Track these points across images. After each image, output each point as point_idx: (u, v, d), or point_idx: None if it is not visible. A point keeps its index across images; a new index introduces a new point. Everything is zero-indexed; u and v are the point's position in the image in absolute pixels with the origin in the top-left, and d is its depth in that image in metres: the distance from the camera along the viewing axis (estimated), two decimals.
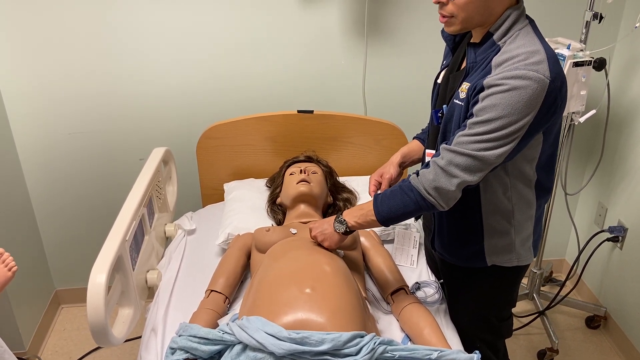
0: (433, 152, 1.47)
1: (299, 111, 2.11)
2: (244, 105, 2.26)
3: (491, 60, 1.26)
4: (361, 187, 2.07)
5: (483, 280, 1.54)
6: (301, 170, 1.86)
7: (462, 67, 1.41)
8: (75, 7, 2.04)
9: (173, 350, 1.32)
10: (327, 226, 1.52)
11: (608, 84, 2.16)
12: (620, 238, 2.33)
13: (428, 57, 2.25)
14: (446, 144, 1.30)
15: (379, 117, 2.22)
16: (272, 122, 2.11)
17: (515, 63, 1.21)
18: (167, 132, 2.29)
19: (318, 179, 1.86)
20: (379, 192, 1.68)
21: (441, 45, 2.11)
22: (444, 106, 1.39)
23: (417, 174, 1.33)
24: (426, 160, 1.50)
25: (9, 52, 2.08)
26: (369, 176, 2.15)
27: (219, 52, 2.17)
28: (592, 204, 2.57)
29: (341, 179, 2.06)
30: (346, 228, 1.47)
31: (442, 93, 1.47)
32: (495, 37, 1.28)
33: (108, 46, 2.11)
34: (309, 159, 1.98)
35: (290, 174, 1.88)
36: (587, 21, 2.04)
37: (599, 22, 2.02)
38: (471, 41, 1.36)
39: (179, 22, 2.11)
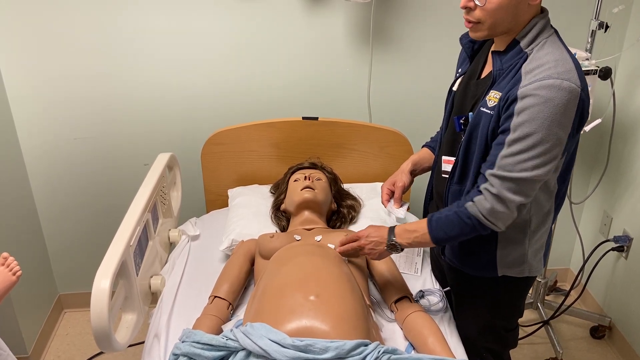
0: (451, 159, 1.45)
1: (303, 118, 2.11)
2: (249, 111, 2.27)
3: (519, 67, 1.26)
4: (365, 194, 2.06)
5: (492, 290, 1.53)
6: (305, 177, 1.86)
7: (483, 75, 1.41)
8: (81, 12, 2.05)
9: (176, 357, 1.32)
10: (379, 243, 1.47)
11: (613, 93, 2.15)
12: (625, 248, 2.32)
13: (434, 65, 2.25)
14: (489, 167, 1.28)
15: (383, 124, 2.22)
16: (276, 128, 2.11)
17: (545, 70, 1.21)
18: (171, 138, 2.30)
19: (322, 186, 1.86)
20: (392, 204, 1.67)
21: (447, 53, 2.12)
22: (470, 113, 1.37)
23: (472, 200, 1.31)
24: (443, 167, 1.49)
25: (15, 57, 2.09)
26: (373, 183, 2.16)
27: (225, 58, 2.18)
28: (597, 213, 2.56)
29: (345, 186, 2.06)
30: (400, 249, 1.46)
31: (459, 100, 1.46)
32: (522, 44, 1.28)
33: (114, 51, 2.12)
34: (313, 166, 1.98)
35: (295, 181, 1.88)
36: (592, 30, 2.04)
37: (605, 31, 2.02)
38: (495, 49, 1.35)
39: (185, 27, 2.11)
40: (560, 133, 1.22)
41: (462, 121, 1.40)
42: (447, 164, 1.48)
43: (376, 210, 1.96)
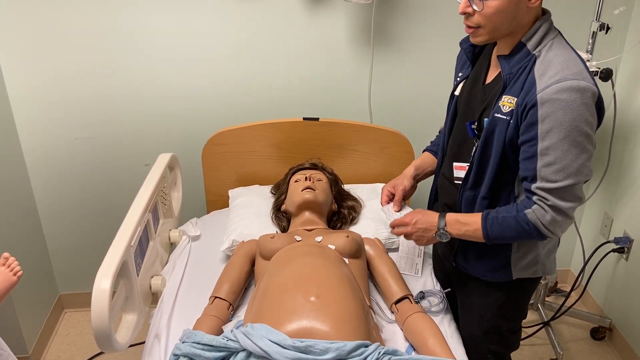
0: (464, 165, 1.44)
1: (304, 118, 2.11)
2: (250, 112, 2.27)
3: (530, 70, 1.25)
4: (366, 195, 2.06)
5: (501, 292, 1.52)
6: (306, 178, 1.86)
7: (488, 79, 1.40)
8: (81, 12, 2.05)
9: (177, 357, 1.32)
10: (428, 230, 1.45)
11: (614, 95, 2.15)
12: (625, 249, 2.32)
13: (435, 65, 2.25)
14: (531, 182, 1.27)
15: (384, 125, 2.22)
16: (277, 129, 2.11)
17: (560, 72, 1.21)
18: (172, 138, 2.30)
19: (323, 187, 1.86)
20: (391, 206, 1.66)
21: (448, 54, 2.11)
22: (485, 119, 1.35)
23: (531, 208, 1.30)
24: (455, 174, 1.47)
25: (15, 57, 2.09)
26: (373, 184, 2.15)
27: (225, 58, 2.18)
28: (597, 214, 2.56)
29: (346, 187, 2.06)
30: (449, 238, 1.44)
31: (466, 106, 1.45)
32: (529, 46, 1.28)
33: (114, 51, 2.12)
34: (314, 166, 1.98)
35: (295, 181, 1.88)
36: (593, 32, 2.04)
37: (606, 32, 2.02)
38: (499, 53, 1.34)
39: (185, 27, 2.11)
40: (589, 131, 1.22)
41: (474, 127, 1.39)
42: (460, 170, 1.46)
43: (377, 211, 1.96)
